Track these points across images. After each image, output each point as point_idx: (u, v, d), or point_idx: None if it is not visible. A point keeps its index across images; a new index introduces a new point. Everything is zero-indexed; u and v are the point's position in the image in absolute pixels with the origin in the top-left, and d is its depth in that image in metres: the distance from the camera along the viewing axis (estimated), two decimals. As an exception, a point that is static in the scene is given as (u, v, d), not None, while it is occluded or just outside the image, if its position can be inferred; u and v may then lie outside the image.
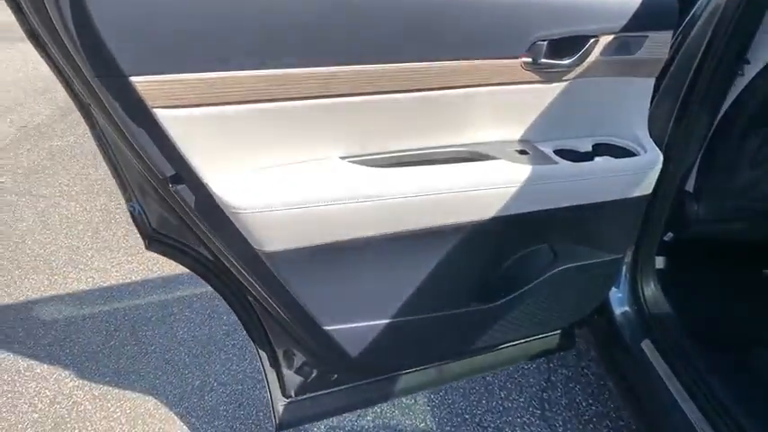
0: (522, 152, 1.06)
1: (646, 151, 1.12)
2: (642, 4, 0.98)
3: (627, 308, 1.48)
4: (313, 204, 0.88)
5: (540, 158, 1.05)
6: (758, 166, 1.43)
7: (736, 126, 1.37)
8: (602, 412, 1.78)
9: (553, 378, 1.92)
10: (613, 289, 1.47)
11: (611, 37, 1.00)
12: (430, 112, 0.97)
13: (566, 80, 1.03)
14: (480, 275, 1.16)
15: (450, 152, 1.03)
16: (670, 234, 1.61)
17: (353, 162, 0.95)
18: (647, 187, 1.14)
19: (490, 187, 0.99)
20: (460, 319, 1.19)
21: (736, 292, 1.60)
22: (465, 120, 1.01)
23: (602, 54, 1.01)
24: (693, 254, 1.66)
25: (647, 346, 1.43)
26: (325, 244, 0.93)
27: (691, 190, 1.53)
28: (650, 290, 1.48)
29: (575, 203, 1.08)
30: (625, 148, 1.14)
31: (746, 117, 1.35)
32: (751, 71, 1.29)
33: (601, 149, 1.14)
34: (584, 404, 1.81)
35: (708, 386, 1.27)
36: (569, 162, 1.05)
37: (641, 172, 1.10)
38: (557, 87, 1.03)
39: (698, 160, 1.45)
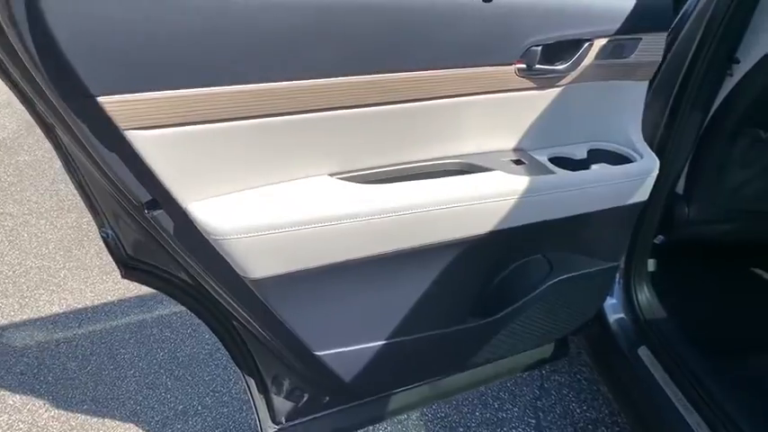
0: (518, 162, 1.02)
1: (642, 157, 1.09)
2: (636, 5, 0.95)
3: (622, 315, 1.45)
4: (303, 226, 0.83)
5: (536, 168, 1.01)
6: (748, 166, 1.42)
7: (726, 126, 1.36)
8: (597, 418, 1.75)
9: (546, 385, 1.89)
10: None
11: (605, 40, 0.96)
12: (422, 123, 0.92)
13: (560, 86, 0.99)
14: (476, 291, 1.11)
15: (444, 164, 0.98)
16: (660, 237, 1.59)
17: (343, 179, 0.90)
18: (643, 194, 1.11)
19: (487, 201, 0.94)
20: (456, 336, 1.14)
21: (729, 294, 1.59)
22: (458, 130, 0.97)
23: (596, 58, 0.98)
24: (684, 256, 1.64)
25: (643, 353, 1.40)
26: (316, 267, 0.88)
27: (680, 192, 1.51)
28: (644, 295, 1.46)
29: (572, 213, 1.05)
30: (620, 154, 1.11)
31: (736, 117, 1.34)
32: (740, 71, 1.27)
33: (596, 156, 1.11)
34: (578, 411, 1.79)
35: (708, 393, 1.25)
36: (567, 171, 1.01)
37: (638, 179, 1.07)
38: (551, 93, 1.00)
39: (688, 162, 1.43)
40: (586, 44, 0.95)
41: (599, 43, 0.96)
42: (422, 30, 0.82)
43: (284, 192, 0.84)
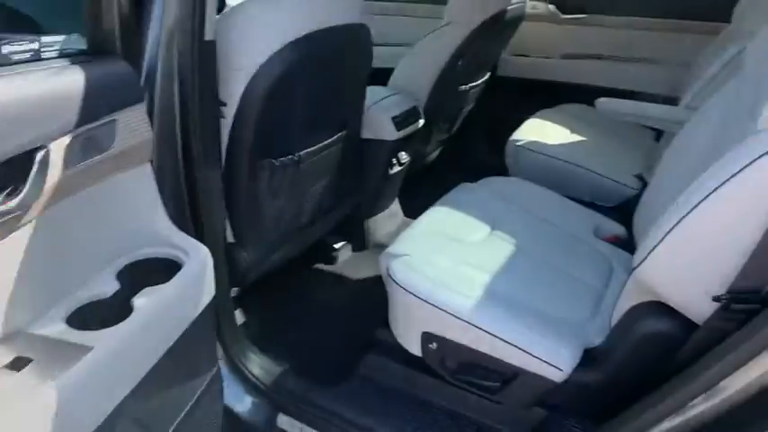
0: (19, 363, 0.61)
1: (186, 252, 0.85)
2: (88, 83, 0.67)
3: (250, 398, 1.27)
4: None
5: (54, 351, 0.64)
6: (276, 194, 1.41)
7: (240, 165, 1.28)
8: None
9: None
10: (225, 390, 1.20)
11: (67, 139, 0.65)
12: None
13: (29, 221, 0.63)
14: None
15: None
16: (234, 290, 1.45)
17: None
18: (211, 290, 0.89)
19: None
20: None
21: (306, 317, 1.62)
22: None
23: (67, 166, 0.66)
24: (256, 296, 1.57)
25: (282, 420, 1.27)
26: None
27: (231, 239, 1.39)
28: (254, 364, 1.30)
29: (142, 374, 0.73)
30: (161, 258, 0.85)
31: (245, 154, 1.26)
32: (230, 112, 1.19)
33: (134, 275, 0.81)
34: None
35: (345, 420, 1.23)
36: (104, 331, 0.67)
37: (198, 282, 0.84)
38: (23, 235, 0.63)
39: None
40: (41, 154, 0.62)
41: (60, 145, 0.64)
42: None
43: None
